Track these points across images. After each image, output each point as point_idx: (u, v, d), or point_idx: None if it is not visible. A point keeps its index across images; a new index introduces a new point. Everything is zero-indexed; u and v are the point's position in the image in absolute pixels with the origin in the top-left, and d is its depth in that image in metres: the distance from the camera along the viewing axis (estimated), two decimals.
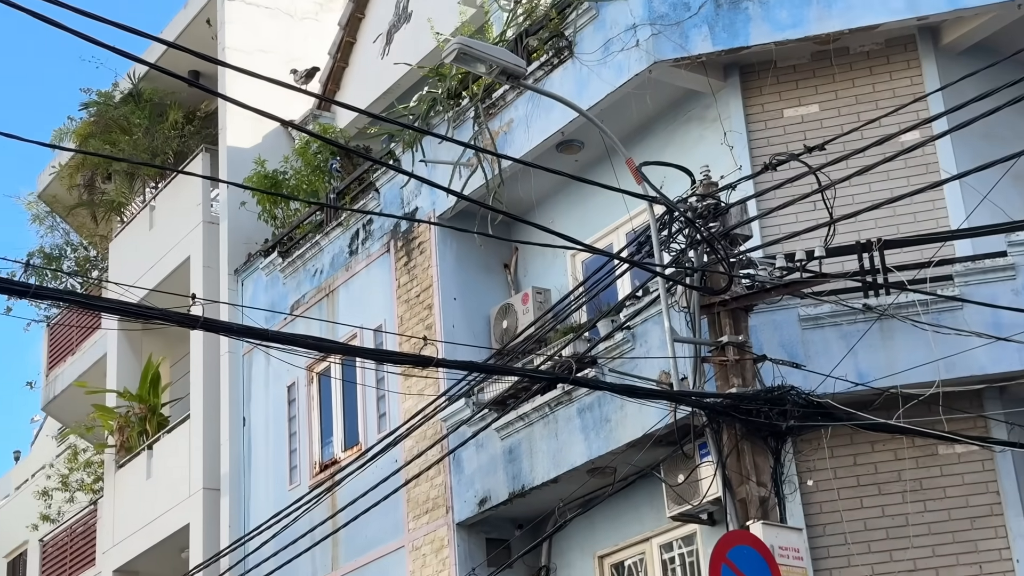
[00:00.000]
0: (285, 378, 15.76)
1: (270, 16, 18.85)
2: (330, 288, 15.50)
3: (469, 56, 9.31)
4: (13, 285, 6.91)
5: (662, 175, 10.09)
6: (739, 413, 9.20)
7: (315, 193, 16.18)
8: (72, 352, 21.46)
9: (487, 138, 13.16)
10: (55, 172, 20.97)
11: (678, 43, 11.52)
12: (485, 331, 13.75)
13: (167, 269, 18.34)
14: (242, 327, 8.43)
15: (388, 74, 16.52)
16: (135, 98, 19.42)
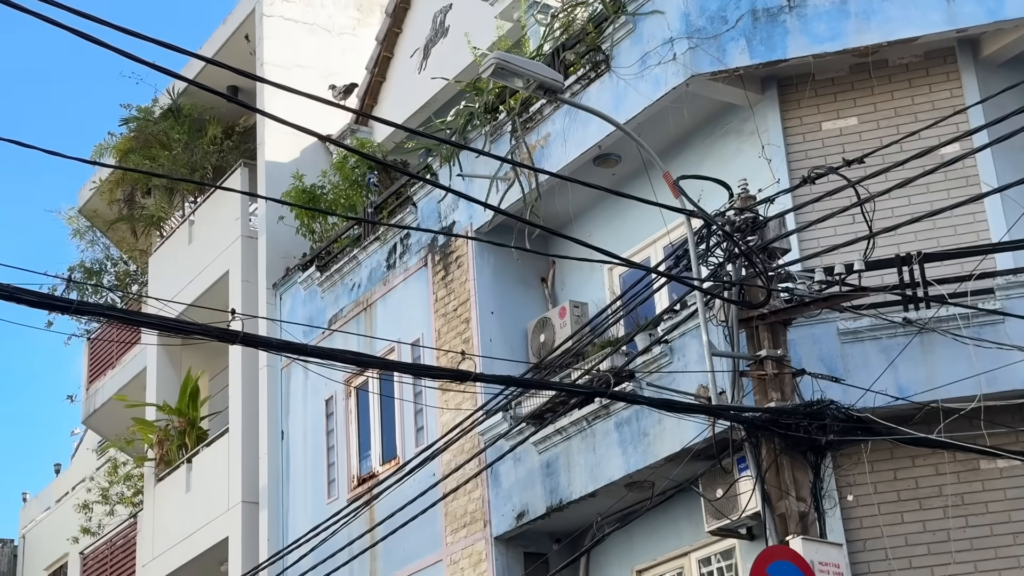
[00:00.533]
0: (323, 392, 15.81)
1: (308, 32, 18.95)
2: (368, 302, 15.54)
3: (507, 71, 9.32)
4: (56, 301, 6.99)
5: (700, 189, 10.06)
6: (778, 427, 9.16)
7: (353, 207, 16.24)
8: (112, 366, 21.61)
9: (524, 152, 13.17)
10: (95, 187, 21.15)
11: (715, 56, 11.50)
12: (522, 345, 13.75)
13: (206, 283, 18.44)
14: (281, 342, 8.46)
15: (425, 88, 16.57)
16: (174, 113, 19.56)
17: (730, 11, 11.62)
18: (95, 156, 20.40)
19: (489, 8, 15.13)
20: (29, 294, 6.60)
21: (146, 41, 6.70)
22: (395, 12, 17.42)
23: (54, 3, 6.31)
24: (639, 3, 12.13)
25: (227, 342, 7.65)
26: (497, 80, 9.57)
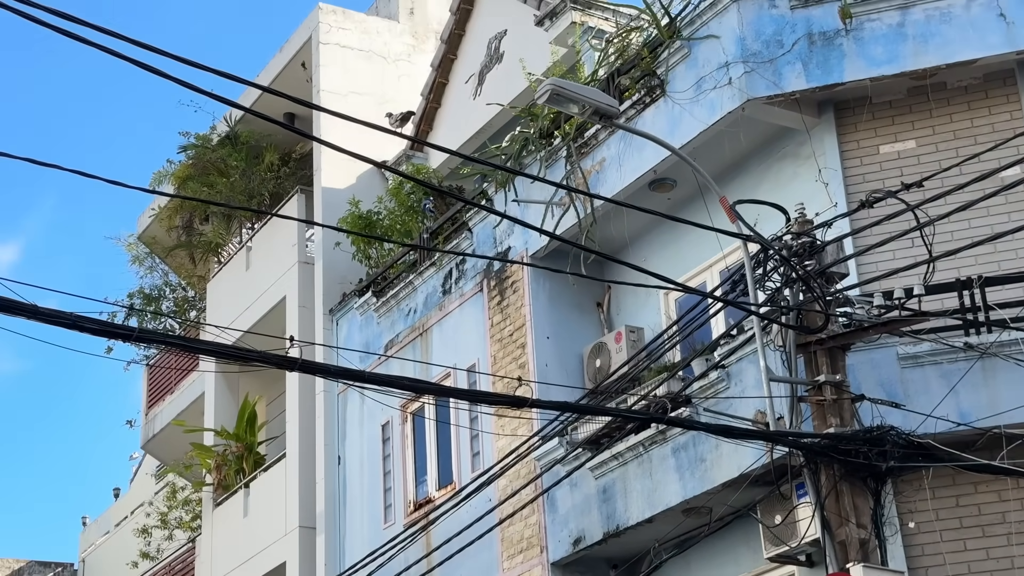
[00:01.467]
0: (379, 417, 15.86)
1: (364, 59, 19.09)
2: (424, 327, 15.58)
3: (562, 97, 9.34)
4: (117, 329, 7.07)
5: (756, 213, 10.02)
6: (837, 453, 9.09)
7: (409, 233, 16.31)
8: (170, 391, 21.79)
9: (579, 177, 13.18)
10: (154, 214, 21.37)
11: (771, 80, 11.47)
12: (578, 370, 13.72)
13: (263, 309, 18.57)
14: (339, 369, 8.51)
15: (480, 114, 16.63)
16: (232, 141, 19.75)
17: (786, 35, 11.58)
18: (154, 183, 20.63)
19: (544, 34, 15.16)
20: (91, 322, 6.67)
21: (204, 70, 6.78)
22: (450, 39, 17.51)
23: (115, 34, 6.40)
24: (694, 28, 12.12)
25: (286, 369, 7.70)
26: (552, 106, 9.59)
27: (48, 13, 6.23)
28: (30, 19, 6.19)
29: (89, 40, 6.34)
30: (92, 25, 6.32)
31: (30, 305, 6.50)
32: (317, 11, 18.95)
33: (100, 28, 6.34)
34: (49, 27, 6.24)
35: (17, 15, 6.15)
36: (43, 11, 6.21)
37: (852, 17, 11.47)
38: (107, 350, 18.93)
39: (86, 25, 6.31)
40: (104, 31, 6.36)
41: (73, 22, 6.28)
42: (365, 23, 19.39)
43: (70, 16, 6.29)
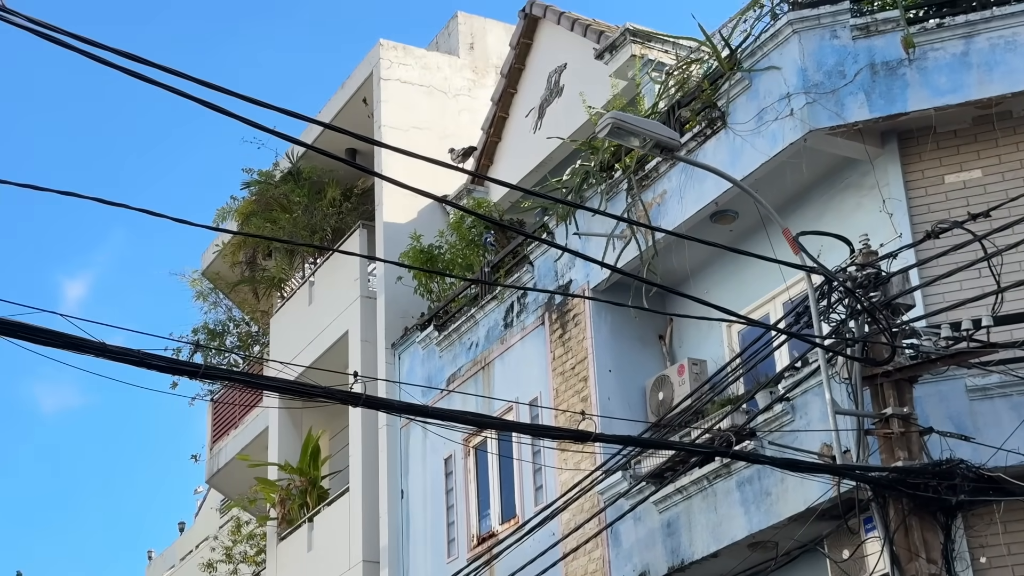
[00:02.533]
0: (442, 451, 15.86)
1: (425, 94, 19.21)
2: (485, 361, 15.59)
3: (623, 130, 9.34)
4: (183, 366, 7.13)
5: (819, 244, 9.95)
6: (906, 487, 8.97)
7: (470, 267, 16.35)
8: (235, 426, 21.94)
9: (640, 210, 13.16)
10: (218, 250, 21.58)
11: (834, 111, 11.40)
12: (641, 403, 13.66)
13: (326, 344, 18.67)
14: (402, 404, 8.54)
15: (541, 148, 16.66)
16: (294, 177, 19.92)
17: (848, 65, 11.52)
18: (218, 220, 20.85)
19: (603, 67, 15.19)
20: (158, 359, 6.74)
21: (267, 108, 6.84)
22: (510, 73, 17.59)
23: (180, 74, 6.48)
24: (754, 59, 12.08)
25: (350, 404, 7.72)
26: (613, 140, 9.58)
27: (115, 54, 6.32)
28: (99, 60, 6.28)
29: (156, 81, 6.43)
30: (159, 66, 6.42)
31: (98, 343, 6.58)
32: (378, 47, 19.12)
33: (166, 68, 6.43)
34: (117, 68, 6.34)
35: (86, 57, 6.25)
36: (110, 52, 6.31)
37: (915, 46, 11.39)
38: (172, 385, 19.07)
39: (153, 66, 6.40)
40: (170, 71, 6.45)
41: (139, 62, 6.37)
42: (425, 58, 19.53)
43: (135, 56, 6.39)
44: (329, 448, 19.58)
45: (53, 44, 6.19)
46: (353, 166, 8.19)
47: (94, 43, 6.27)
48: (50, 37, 6.18)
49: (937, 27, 11.48)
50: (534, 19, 17.30)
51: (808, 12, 11.73)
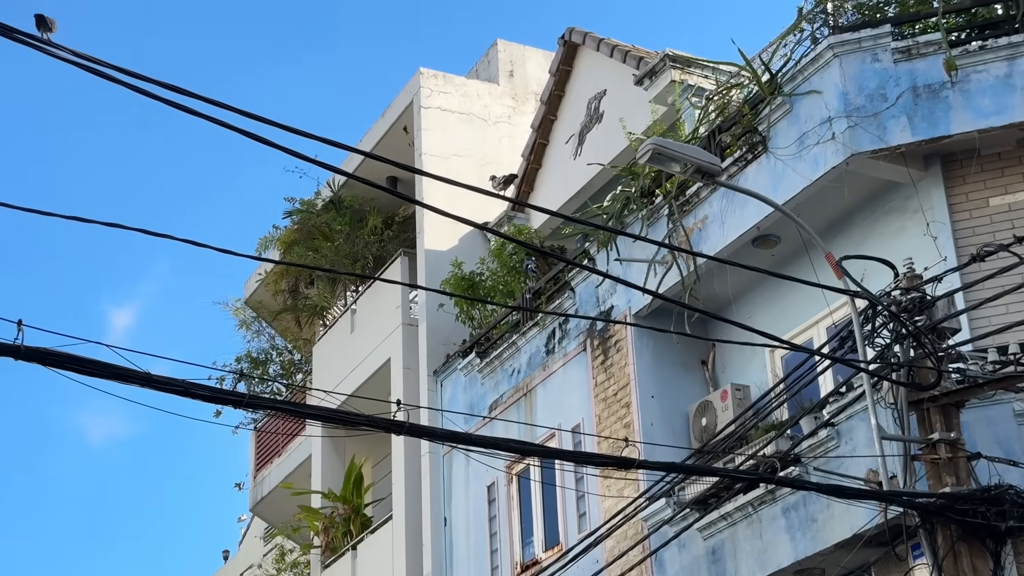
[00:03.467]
0: (485, 478, 15.84)
1: (465, 121, 19.27)
2: (528, 388, 15.57)
3: (663, 156, 9.32)
4: (228, 395, 7.17)
5: (863, 268, 9.89)
6: (954, 513, 8.86)
7: (511, 294, 16.35)
8: (278, 454, 22.00)
9: (681, 235, 13.13)
10: (261, 279, 21.70)
11: (876, 135, 11.35)
12: (684, 429, 13.60)
13: (368, 371, 18.71)
14: (445, 432, 8.54)
15: (581, 174, 16.67)
16: (336, 205, 20.02)
17: (890, 88, 11.47)
18: (260, 249, 20.98)
19: (643, 93, 15.19)
20: (203, 389, 6.78)
21: (309, 138, 6.88)
22: (550, 100, 17.63)
23: (223, 105, 6.52)
24: (795, 84, 12.05)
25: (394, 433, 7.73)
26: (654, 166, 9.57)
27: (158, 86, 6.38)
28: (143, 93, 6.34)
29: (200, 112, 6.48)
30: (202, 97, 6.47)
31: (143, 373, 6.62)
32: (418, 76, 19.21)
33: (209, 100, 6.48)
34: (161, 100, 6.39)
35: (130, 89, 6.31)
36: (153, 84, 6.36)
37: (958, 69, 11.34)
38: (216, 414, 19.16)
39: (196, 97, 6.45)
40: (213, 102, 6.50)
41: (182, 94, 6.42)
42: (465, 86, 19.61)
43: (179, 88, 6.44)
44: (372, 476, 19.59)
45: (97, 77, 6.25)
46: (394, 194, 8.20)
47: (137, 75, 6.33)
48: (94, 70, 6.24)
49: (979, 49, 11.43)
50: (573, 46, 17.33)
51: (849, 36, 11.70)
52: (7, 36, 6.07)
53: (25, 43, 6.12)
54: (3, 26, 6.02)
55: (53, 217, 6.78)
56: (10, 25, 6.05)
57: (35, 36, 6.19)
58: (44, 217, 6.69)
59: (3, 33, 6.03)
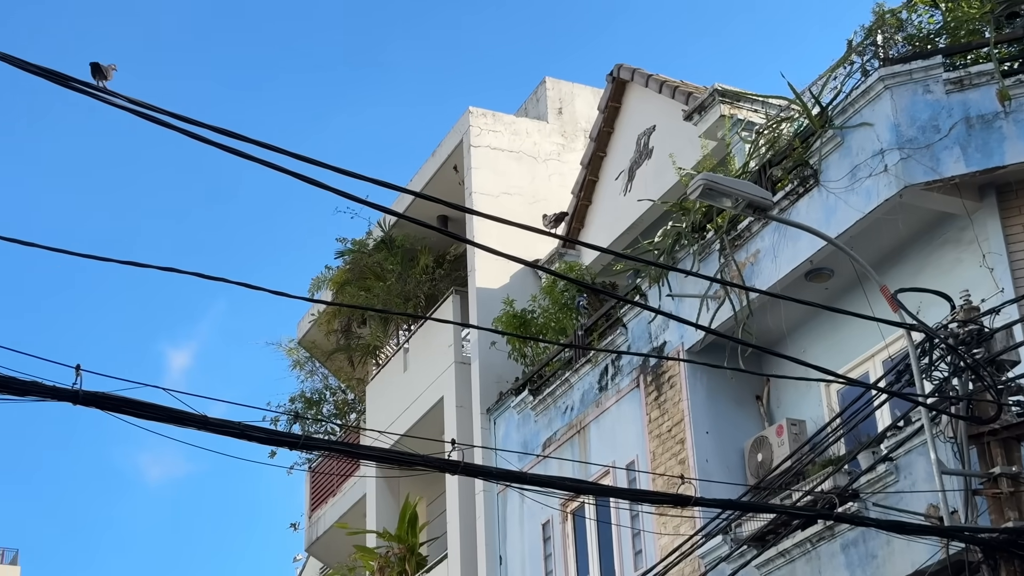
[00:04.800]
0: (540, 516, 15.78)
1: (515, 159, 19.33)
2: (581, 424, 15.52)
3: (714, 191, 9.31)
4: (283, 437, 7.19)
5: (918, 301, 9.80)
6: (1018, 548, 8.73)
7: (563, 331, 16.33)
8: (333, 494, 22.03)
9: (733, 270, 13.07)
10: (314, 319, 21.80)
11: (929, 166, 11.27)
12: (739, 465, 13.49)
13: (422, 410, 18.72)
14: (500, 471, 8.53)
15: (631, 210, 16.65)
16: (387, 245, 20.10)
17: (942, 120, 11.39)
18: (312, 289, 21.10)
19: (692, 128, 15.17)
20: (258, 431, 6.82)
21: (360, 179, 6.92)
22: (599, 136, 17.64)
23: (275, 148, 6.58)
24: (846, 116, 12.00)
25: (448, 472, 7.73)
26: (705, 201, 9.55)
27: (212, 131, 6.44)
28: (197, 138, 6.41)
29: (253, 156, 6.54)
30: (256, 142, 6.53)
31: (199, 416, 6.67)
32: (467, 115, 19.30)
33: (263, 144, 6.54)
34: (215, 145, 6.45)
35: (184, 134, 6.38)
36: (206, 129, 6.43)
37: (1011, 99, 11.25)
38: (271, 455, 19.15)
39: (250, 142, 6.52)
40: (267, 146, 6.56)
41: (236, 139, 6.48)
42: (515, 124, 19.67)
43: (232, 133, 6.50)
44: (427, 514, 19.57)
45: (152, 123, 6.33)
46: (445, 233, 8.24)
47: (191, 120, 6.40)
48: (149, 116, 6.32)
49: None
50: (622, 82, 17.36)
51: (900, 68, 11.64)
52: (63, 84, 6.15)
53: (82, 91, 6.21)
54: (58, 75, 6.11)
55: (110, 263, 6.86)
56: (65, 74, 6.14)
57: (91, 84, 6.28)
58: (103, 262, 6.77)
59: (59, 81, 6.12)
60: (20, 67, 6.01)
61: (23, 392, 6.35)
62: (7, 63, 5.97)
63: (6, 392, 6.33)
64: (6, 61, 5.97)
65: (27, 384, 6.34)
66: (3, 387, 6.30)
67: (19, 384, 6.32)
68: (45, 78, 6.08)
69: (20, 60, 6.02)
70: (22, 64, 6.02)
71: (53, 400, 6.41)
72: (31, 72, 6.05)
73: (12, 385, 6.32)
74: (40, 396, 6.38)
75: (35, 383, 6.36)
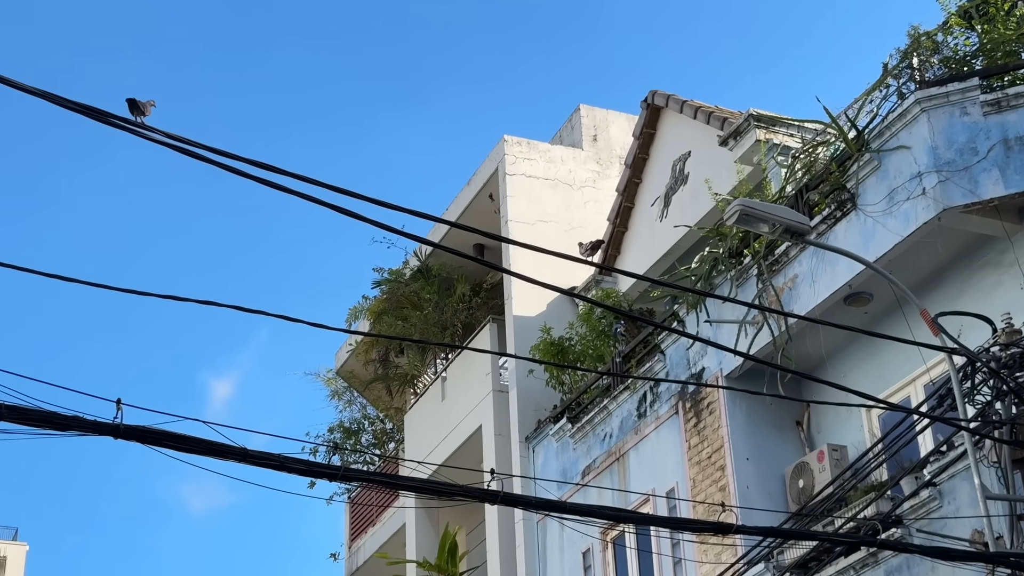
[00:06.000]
0: (580, 544, 15.72)
1: (550, 187, 19.34)
2: (620, 452, 15.46)
3: (751, 217, 9.28)
4: (323, 468, 7.20)
5: (959, 324, 9.73)
6: None
7: (601, 358, 16.29)
8: (372, 524, 22.03)
9: (771, 295, 13.01)
10: (352, 349, 21.85)
11: (967, 188, 11.20)
12: (780, 491, 13.40)
13: (460, 439, 18.71)
14: (539, 500, 8.50)
15: (667, 236, 16.62)
16: (424, 274, 20.15)
17: (980, 142, 11.33)
18: (350, 319, 21.17)
19: (728, 153, 15.14)
20: (298, 463, 6.82)
21: (397, 210, 6.94)
22: (634, 163, 17.63)
23: (312, 181, 6.61)
24: (883, 140, 11.95)
25: (488, 502, 7.72)
26: (742, 227, 9.52)
27: (250, 164, 6.48)
28: (236, 172, 6.44)
29: (291, 189, 6.57)
30: (292, 174, 6.56)
31: (239, 448, 6.68)
32: (502, 143, 19.34)
33: (300, 176, 6.57)
34: (254, 178, 6.49)
35: (223, 168, 6.42)
36: (245, 162, 6.47)
37: None
38: (310, 485, 19.23)
39: (287, 174, 6.55)
40: (304, 179, 6.59)
41: (274, 171, 6.52)
42: (550, 152, 19.70)
43: (269, 166, 6.53)
44: (466, 544, 19.52)
45: (191, 158, 6.37)
46: (481, 262, 8.23)
47: (228, 154, 6.44)
48: (189, 151, 6.36)
49: None
50: (656, 109, 17.35)
51: (936, 90, 11.59)
52: (101, 120, 6.21)
53: (121, 127, 6.26)
54: (97, 111, 6.16)
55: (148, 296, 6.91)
56: (104, 110, 6.20)
57: (129, 119, 6.33)
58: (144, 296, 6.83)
59: (97, 118, 6.17)
60: (61, 104, 6.07)
61: (64, 427, 6.39)
62: (48, 100, 6.02)
63: (48, 427, 6.37)
64: (47, 98, 6.02)
65: (69, 419, 6.38)
66: (45, 422, 6.34)
67: (61, 419, 6.36)
68: (84, 114, 6.13)
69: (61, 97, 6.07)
70: (63, 101, 6.07)
71: (95, 434, 6.45)
72: (71, 109, 6.10)
73: (54, 420, 6.36)
74: (82, 431, 6.42)
75: (76, 418, 6.40)
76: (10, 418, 6.21)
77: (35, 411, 6.30)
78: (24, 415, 6.25)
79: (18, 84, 5.93)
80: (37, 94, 6.00)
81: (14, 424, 6.28)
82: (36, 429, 6.36)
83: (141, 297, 6.86)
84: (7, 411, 6.17)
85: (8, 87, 5.92)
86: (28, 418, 6.27)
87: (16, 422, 6.26)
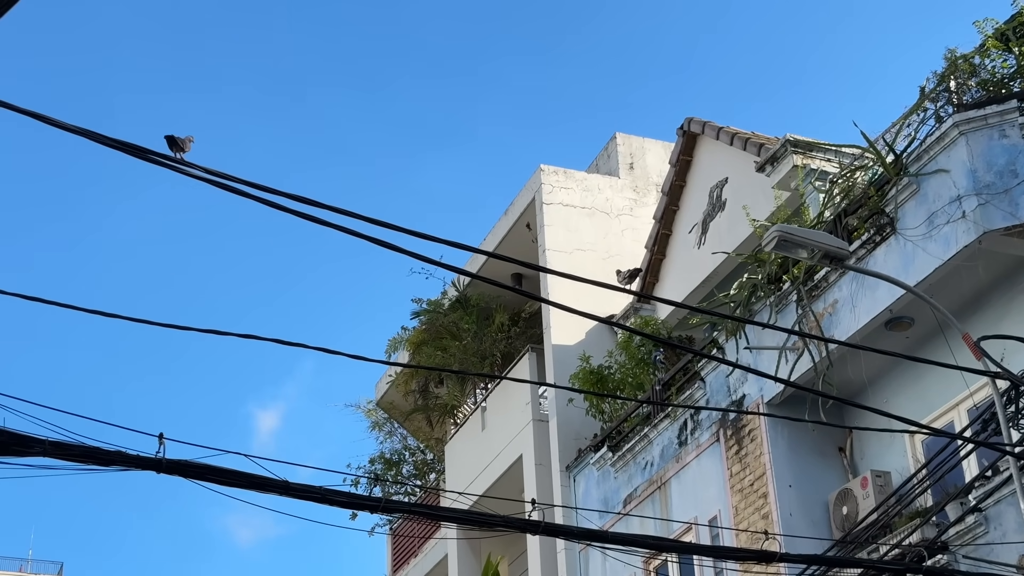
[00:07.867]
0: (622, 574, 15.64)
1: (587, 215, 19.35)
2: (661, 480, 15.39)
3: (790, 242, 9.26)
4: (364, 500, 7.22)
5: (1002, 348, 9.66)
6: None
7: (640, 386, 16.24)
8: (414, 554, 22.00)
9: (811, 321, 12.95)
10: (391, 380, 21.88)
11: (1008, 211, 11.13)
12: (824, 518, 13.29)
13: (501, 468, 18.68)
14: (581, 530, 8.47)
15: (706, 263, 16.58)
16: (462, 304, 20.17)
17: (1020, 164, 11.26)
18: (389, 350, 21.20)
19: (765, 179, 15.11)
20: (339, 495, 6.85)
21: (435, 241, 6.97)
22: (671, 190, 17.62)
23: (351, 214, 6.64)
24: (921, 163, 11.89)
25: (529, 533, 7.71)
26: (781, 252, 9.49)
27: (288, 198, 6.52)
28: (275, 206, 6.49)
29: (329, 223, 6.61)
30: (329, 207, 6.60)
31: (281, 481, 6.72)
32: (539, 173, 19.37)
33: (338, 210, 6.61)
34: (292, 212, 6.53)
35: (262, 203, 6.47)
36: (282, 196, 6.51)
37: None
38: (352, 516, 19.26)
39: (325, 207, 6.59)
40: (342, 212, 6.62)
41: (312, 205, 6.56)
42: (586, 181, 19.72)
43: (306, 199, 6.57)
44: (508, 574, 19.47)
45: (229, 192, 6.42)
46: (519, 292, 8.25)
47: (268, 188, 6.48)
48: (228, 187, 6.41)
49: None
50: (693, 135, 17.35)
51: (974, 113, 11.53)
52: (140, 157, 6.26)
53: (158, 163, 6.32)
54: (136, 147, 6.22)
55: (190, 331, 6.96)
56: (143, 147, 6.26)
57: (168, 156, 6.39)
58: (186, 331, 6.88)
59: (136, 154, 6.23)
60: (101, 142, 6.13)
61: (108, 462, 6.44)
62: (92, 139, 6.09)
63: (91, 462, 6.42)
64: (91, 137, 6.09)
65: (111, 454, 6.43)
66: (88, 457, 6.39)
67: (104, 454, 6.42)
68: (124, 151, 6.19)
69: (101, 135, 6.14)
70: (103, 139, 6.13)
71: (137, 469, 6.50)
72: (111, 146, 6.16)
73: (97, 455, 6.41)
74: (124, 466, 6.47)
75: (119, 453, 6.45)
76: (53, 454, 6.27)
77: (78, 446, 6.35)
78: (67, 451, 6.31)
79: (62, 124, 6.00)
80: (82, 133, 6.06)
81: (57, 460, 6.34)
82: (79, 464, 6.42)
83: (184, 333, 6.91)
84: (50, 447, 6.23)
85: (50, 126, 5.99)
86: (71, 454, 6.33)
87: (59, 457, 6.32)
